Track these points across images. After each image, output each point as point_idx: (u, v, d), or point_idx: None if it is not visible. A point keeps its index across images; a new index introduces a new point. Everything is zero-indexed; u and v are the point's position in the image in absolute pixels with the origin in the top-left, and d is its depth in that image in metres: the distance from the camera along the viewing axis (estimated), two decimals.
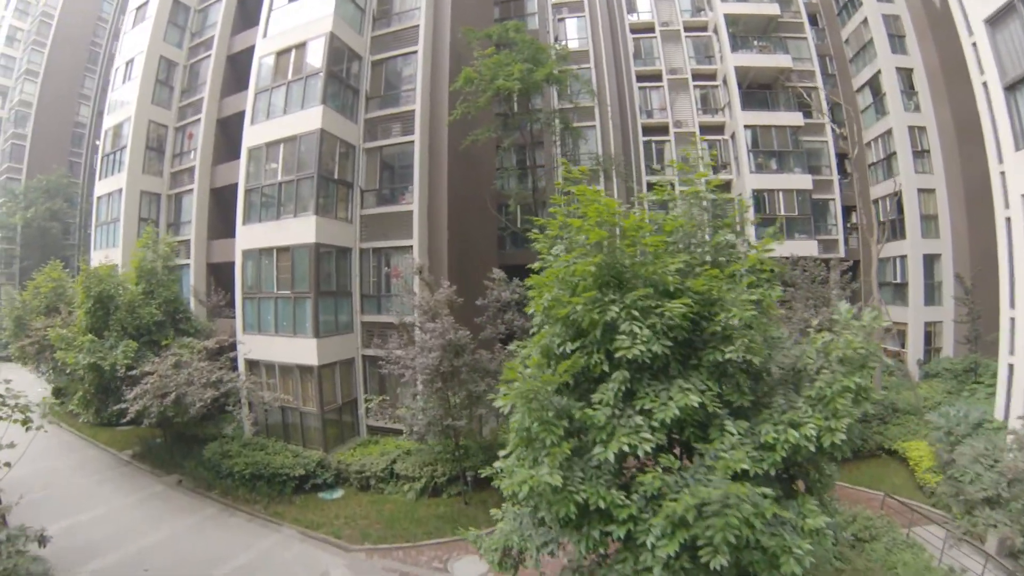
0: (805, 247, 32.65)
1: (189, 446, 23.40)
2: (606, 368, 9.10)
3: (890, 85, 34.81)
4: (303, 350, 22.60)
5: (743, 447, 8.53)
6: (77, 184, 59.27)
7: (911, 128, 34.31)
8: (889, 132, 34.97)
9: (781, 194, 33.52)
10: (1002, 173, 19.64)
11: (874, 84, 36.32)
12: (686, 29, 38.02)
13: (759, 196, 33.51)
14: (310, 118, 23.39)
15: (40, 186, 55.24)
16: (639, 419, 8.63)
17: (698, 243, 11.20)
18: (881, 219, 36.07)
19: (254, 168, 25.11)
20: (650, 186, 34.93)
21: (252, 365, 24.33)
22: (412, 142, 24.45)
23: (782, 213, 33.30)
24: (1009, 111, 17.82)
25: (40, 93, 59.81)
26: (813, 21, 39.21)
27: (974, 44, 20.00)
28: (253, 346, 24.01)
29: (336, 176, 24.17)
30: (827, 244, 34.53)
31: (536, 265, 10.99)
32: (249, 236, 24.62)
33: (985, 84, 19.50)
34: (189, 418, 20.73)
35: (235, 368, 23.79)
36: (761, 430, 8.93)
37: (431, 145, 24.98)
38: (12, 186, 57.22)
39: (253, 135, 25.31)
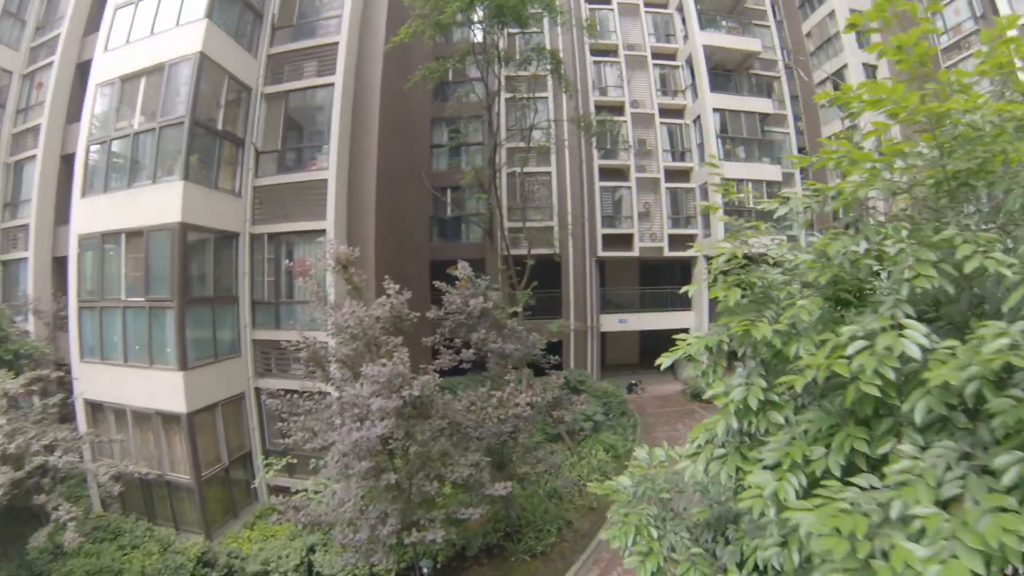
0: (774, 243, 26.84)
1: (20, 527, 13.56)
2: None
3: (857, 80, 28.91)
4: (164, 388, 13.64)
5: None
6: None
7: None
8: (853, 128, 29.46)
9: (751, 185, 27.15)
10: None
11: (836, 80, 31.20)
12: (646, 4, 30.82)
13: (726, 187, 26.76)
14: (186, 38, 14.39)
15: None
16: None
17: None
18: (839, 215, 30.74)
19: (103, 113, 15.66)
20: (601, 169, 28.35)
21: (95, 409, 15.02)
22: (331, 85, 15.71)
23: (751, 206, 27.03)
24: None
25: None
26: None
27: None
28: (95, 380, 14.71)
29: (220, 127, 15.14)
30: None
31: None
32: (89, 213, 15.09)
33: None
34: None
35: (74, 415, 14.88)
36: None
37: (357, 93, 16.39)
38: None
39: (106, 65, 15.81)
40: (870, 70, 30.76)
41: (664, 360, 4.99)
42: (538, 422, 14.47)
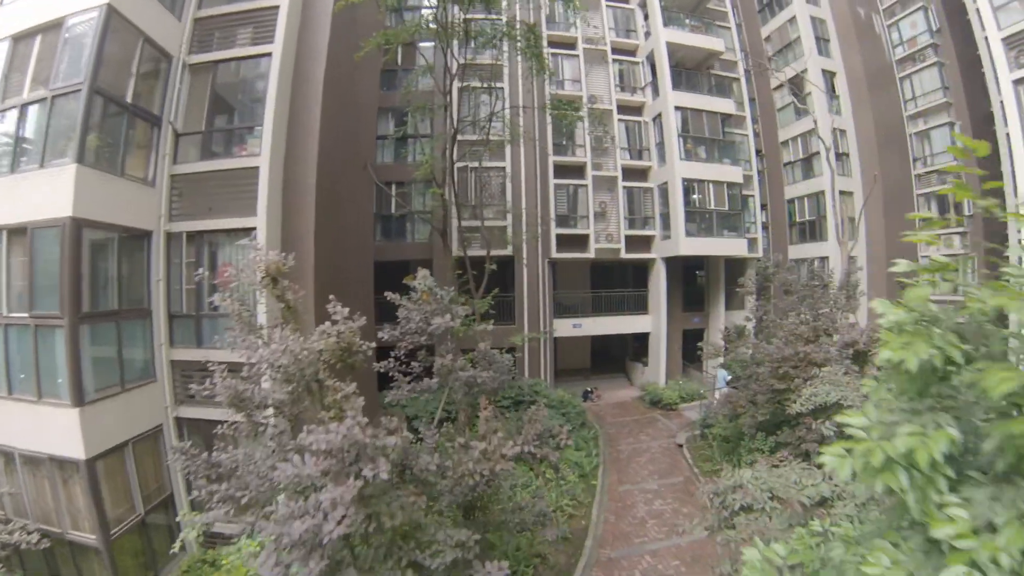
0: (735, 246, 26.56)
1: None
2: None
3: (816, 85, 29.52)
4: (57, 428, 10.50)
5: None
6: None
7: (833, 130, 29.18)
8: (810, 132, 29.80)
9: (711, 186, 25.90)
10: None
11: (794, 84, 30.62)
12: None
13: (688, 187, 25.85)
14: None
15: None
16: None
17: None
18: (796, 219, 31.62)
19: None
20: (556, 166, 26.41)
21: None
22: (268, 55, 12.92)
23: (712, 207, 25.72)
24: None
25: None
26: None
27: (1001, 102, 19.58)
28: None
29: (131, 101, 12.11)
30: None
31: None
32: None
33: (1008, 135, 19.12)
34: None
35: None
36: None
37: (298, 66, 13.67)
38: None
39: None
40: (828, 76, 30.54)
41: (844, 469, 2.91)
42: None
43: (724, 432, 18.59)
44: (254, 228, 11.96)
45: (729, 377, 20.26)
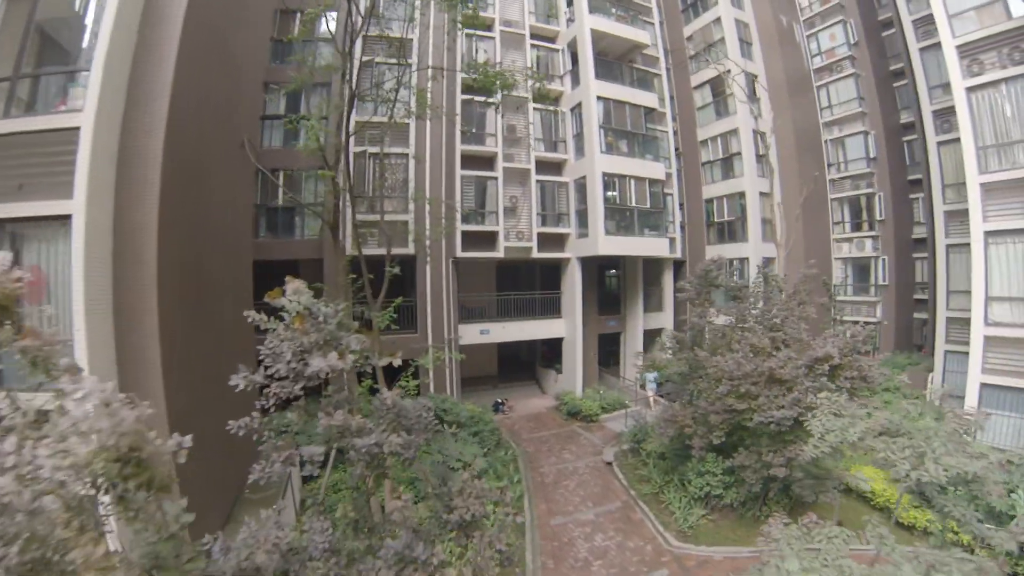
0: (656, 245, 25.21)
1: None
2: None
3: (738, 86, 29.16)
4: None
5: None
6: None
7: (754, 132, 29.40)
8: (732, 132, 29.62)
9: (633, 182, 24.28)
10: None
11: (715, 84, 30.63)
12: None
13: (608, 182, 24.11)
14: None
15: None
16: None
17: None
18: (714, 220, 31.23)
19: None
20: (463, 156, 23.81)
21: None
22: None
23: (633, 204, 24.10)
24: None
25: None
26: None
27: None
28: None
29: None
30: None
31: None
32: None
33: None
34: None
35: None
36: None
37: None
38: None
39: None
40: (751, 78, 30.29)
41: None
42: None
43: (661, 448, 16.87)
44: (68, 215, 8.38)
45: (661, 380, 18.70)
